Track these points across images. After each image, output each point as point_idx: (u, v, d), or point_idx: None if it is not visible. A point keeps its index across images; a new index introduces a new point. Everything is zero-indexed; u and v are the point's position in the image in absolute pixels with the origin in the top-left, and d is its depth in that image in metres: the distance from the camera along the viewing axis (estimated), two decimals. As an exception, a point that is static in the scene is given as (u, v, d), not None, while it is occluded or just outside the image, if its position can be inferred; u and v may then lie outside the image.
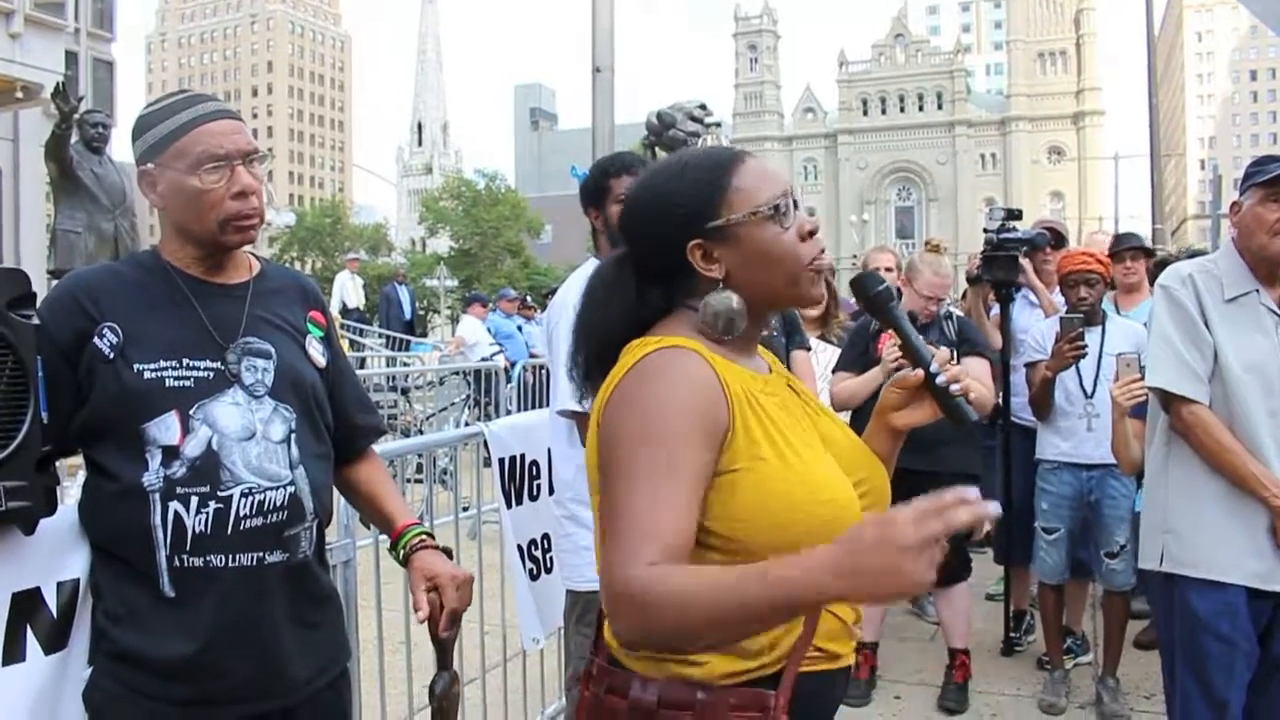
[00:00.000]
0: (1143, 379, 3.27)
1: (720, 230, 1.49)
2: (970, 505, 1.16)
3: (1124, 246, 5.43)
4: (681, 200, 1.51)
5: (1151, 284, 5.31)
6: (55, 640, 1.89)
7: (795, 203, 1.53)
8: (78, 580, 1.92)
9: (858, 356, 4.57)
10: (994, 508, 1.18)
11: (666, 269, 1.54)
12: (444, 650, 2.03)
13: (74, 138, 8.23)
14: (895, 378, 1.69)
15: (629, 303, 1.56)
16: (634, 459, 1.36)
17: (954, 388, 1.60)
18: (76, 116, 8.19)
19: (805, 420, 1.57)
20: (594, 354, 1.57)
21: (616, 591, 1.30)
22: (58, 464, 1.92)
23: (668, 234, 1.51)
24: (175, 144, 1.85)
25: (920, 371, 1.63)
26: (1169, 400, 2.83)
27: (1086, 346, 4.32)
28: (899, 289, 5.22)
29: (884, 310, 1.67)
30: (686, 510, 1.34)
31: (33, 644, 1.86)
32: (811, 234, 1.53)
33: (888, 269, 6.13)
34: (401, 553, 2.05)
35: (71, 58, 17.90)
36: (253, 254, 2.05)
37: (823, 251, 1.55)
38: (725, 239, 1.50)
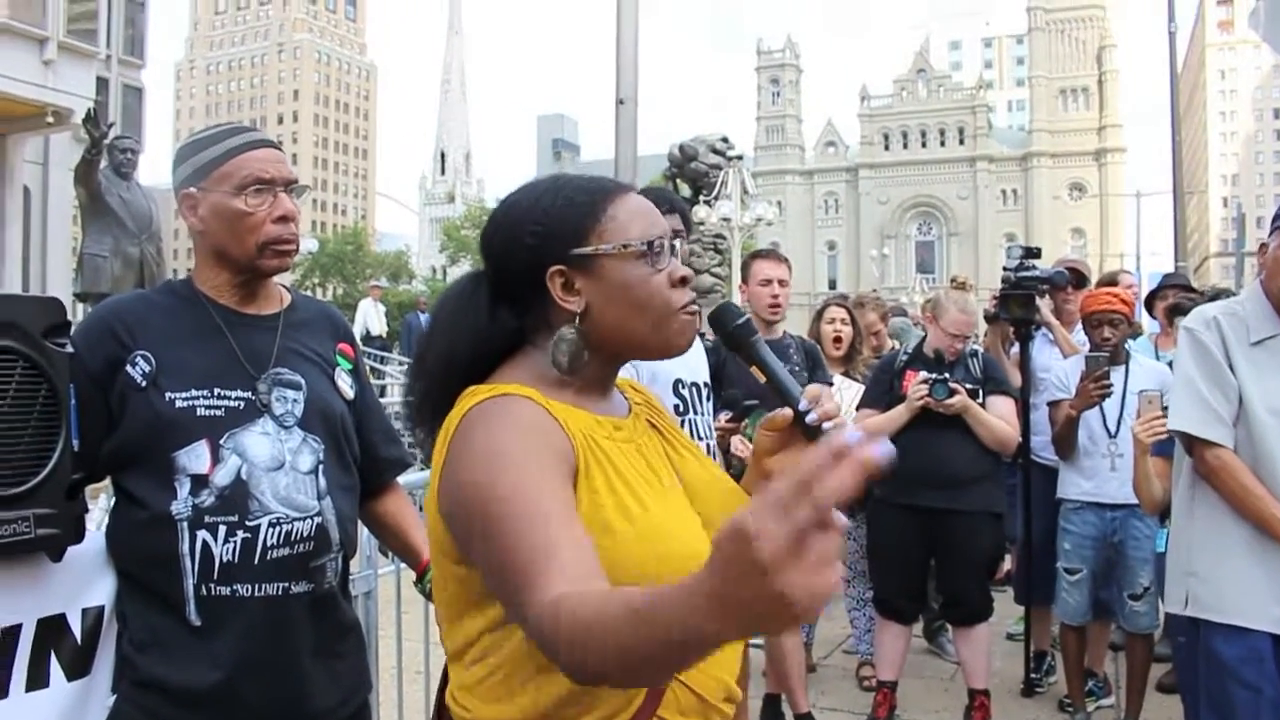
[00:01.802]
0: (1165, 416, 3.26)
1: (585, 259, 1.37)
2: (844, 456, 0.84)
3: (1167, 285, 5.38)
4: (551, 219, 1.38)
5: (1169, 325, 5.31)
6: (79, 667, 1.90)
7: (674, 249, 1.41)
8: (103, 607, 1.93)
9: (882, 394, 4.55)
10: (883, 448, 0.88)
11: (522, 293, 1.41)
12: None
13: (103, 163, 8.33)
14: (764, 419, 1.51)
15: (479, 323, 1.42)
16: (498, 514, 1.20)
17: (826, 426, 1.42)
18: (106, 142, 8.29)
19: (663, 467, 1.44)
20: (434, 382, 1.42)
21: (535, 625, 1.13)
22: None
23: (530, 252, 1.38)
24: (221, 168, 1.88)
25: (789, 411, 1.45)
26: (1192, 444, 2.81)
27: (1111, 385, 4.29)
28: (914, 323, 5.22)
29: (746, 345, 1.49)
30: (572, 538, 1.18)
31: (56, 670, 1.87)
32: (683, 281, 1.41)
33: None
34: (427, 585, 2.05)
35: (102, 84, 18.16)
36: (283, 286, 2.07)
37: (693, 303, 1.42)
38: (589, 270, 1.37)
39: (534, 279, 1.38)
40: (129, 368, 1.82)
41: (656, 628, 0.97)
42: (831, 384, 4.73)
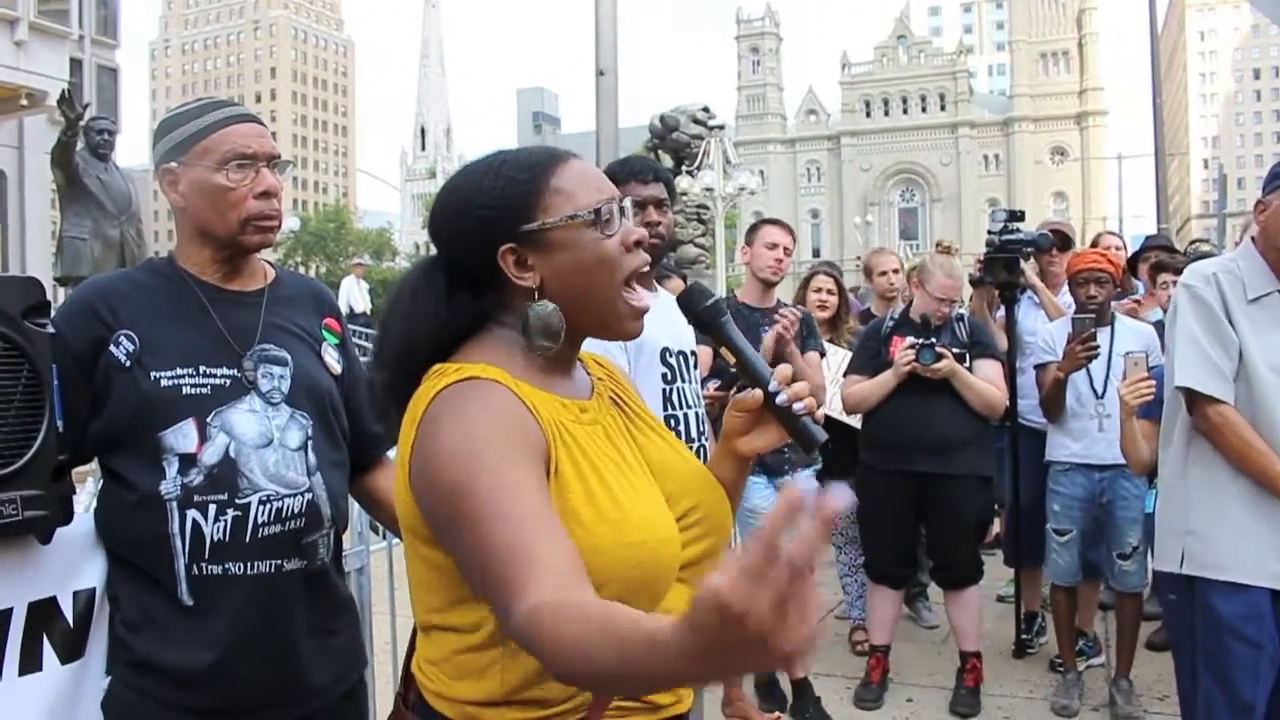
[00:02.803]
0: (1150, 378, 3.26)
1: (533, 235, 1.35)
2: (800, 510, 0.85)
3: (1149, 246, 5.38)
4: (495, 199, 1.37)
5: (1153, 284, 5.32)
6: (72, 650, 1.89)
7: (623, 210, 1.40)
8: (94, 589, 1.92)
9: (869, 360, 4.55)
10: (841, 496, 0.89)
11: (477, 275, 1.39)
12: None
13: (80, 144, 8.25)
14: (734, 400, 1.49)
15: (437, 311, 1.40)
16: (476, 514, 1.20)
17: (796, 406, 1.41)
18: (82, 123, 8.20)
19: (627, 446, 1.43)
20: (396, 366, 1.41)
21: (518, 635, 1.14)
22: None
23: (479, 235, 1.37)
24: (202, 142, 1.86)
25: (759, 392, 1.44)
26: (1194, 400, 2.80)
27: (1099, 346, 4.30)
28: (906, 292, 5.22)
29: (715, 326, 1.49)
30: (553, 539, 1.18)
31: (49, 654, 1.87)
32: (638, 244, 1.39)
33: (894, 270, 6.13)
34: None
35: (76, 65, 17.98)
36: (267, 262, 2.05)
37: (650, 265, 1.42)
38: (539, 244, 1.36)
39: (487, 260, 1.37)
40: (113, 347, 1.80)
41: (639, 667, 1.00)
42: (824, 353, 4.73)
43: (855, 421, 4.71)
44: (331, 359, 2.02)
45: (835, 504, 0.86)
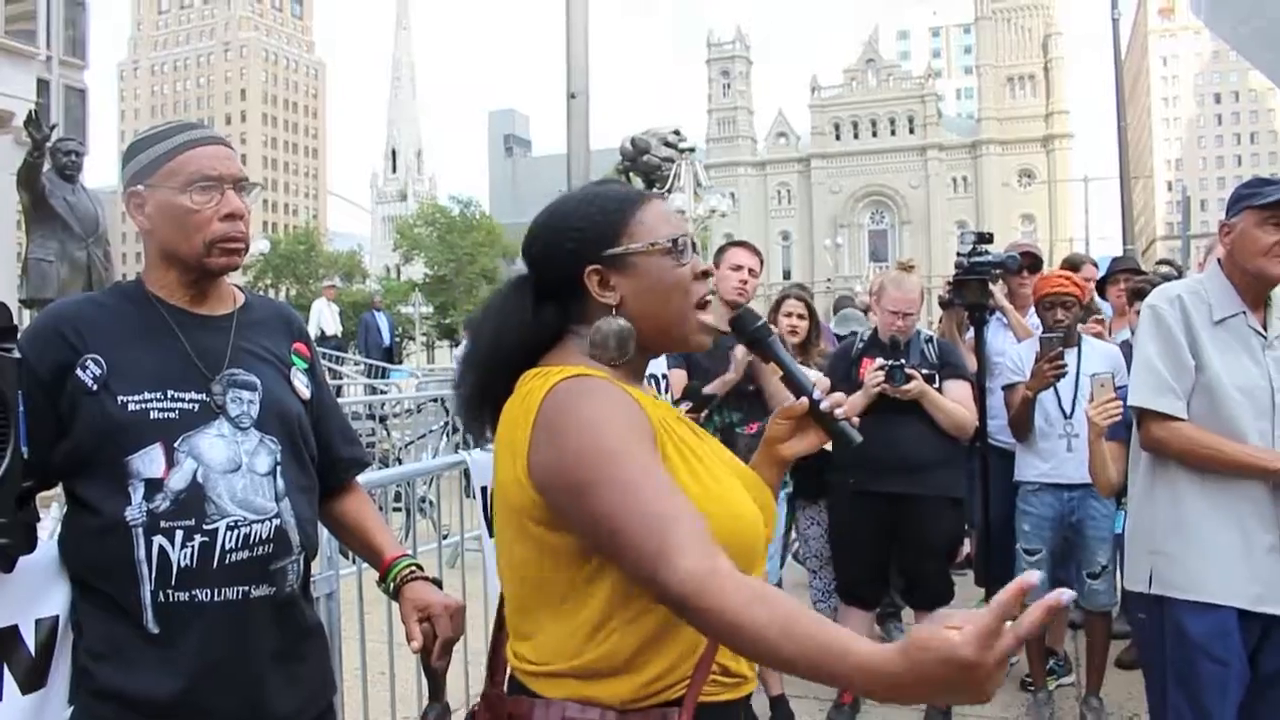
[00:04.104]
0: (1118, 399, 3.30)
1: (617, 259, 1.56)
2: (1041, 605, 1.08)
3: (1117, 269, 5.45)
4: (586, 225, 1.57)
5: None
6: (34, 679, 1.85)
7: (694, 246, 1.61)
8: (57, 617, 1.88)
9: (839, 381, 4.57)
10: (1066, 596, 1.12)
11: (563, 291, 1.59)
12: (436, 680, 2.00)
13: (46, 166, 8.18)
14: (780, 408, 1.73)
15: (523, 322, 1.59)
16: (609, 468, 1.37)
17: (837, 412, 1.65)
18: (49, 144, 8.15)
19: (702, 444, 1.62)
20: (483, 373, 1.61)
21: (679, 592, 1.27)
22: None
23: (569, 255, 1.57)
24: (168, 164, 1.85)
25: (804, 401, 1.68)
26: (1144, 418, 2.85)
27: (1066, 365, 4.34)
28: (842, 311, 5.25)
29: (764, 344, 1.73)
30: (690, 507, 1.36)
31: (10, 684, 1.83)
32: (705, 275, 1.61)
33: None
34: (392, 584, 2.03)
35: (43, 85, 17.85)
36: (236, 286, 2.04)
37: (713, 293, 1.65)
38: (622, 267, 1.56)
39: (573, 278, 1.56)
40: (79, 371, 1.78)
41: (820, 669, 1.18)
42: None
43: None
44: (300, 384, 2.00)
45: (1060, 601, 1.09)
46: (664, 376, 2.84)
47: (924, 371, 4.39)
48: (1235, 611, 2.73)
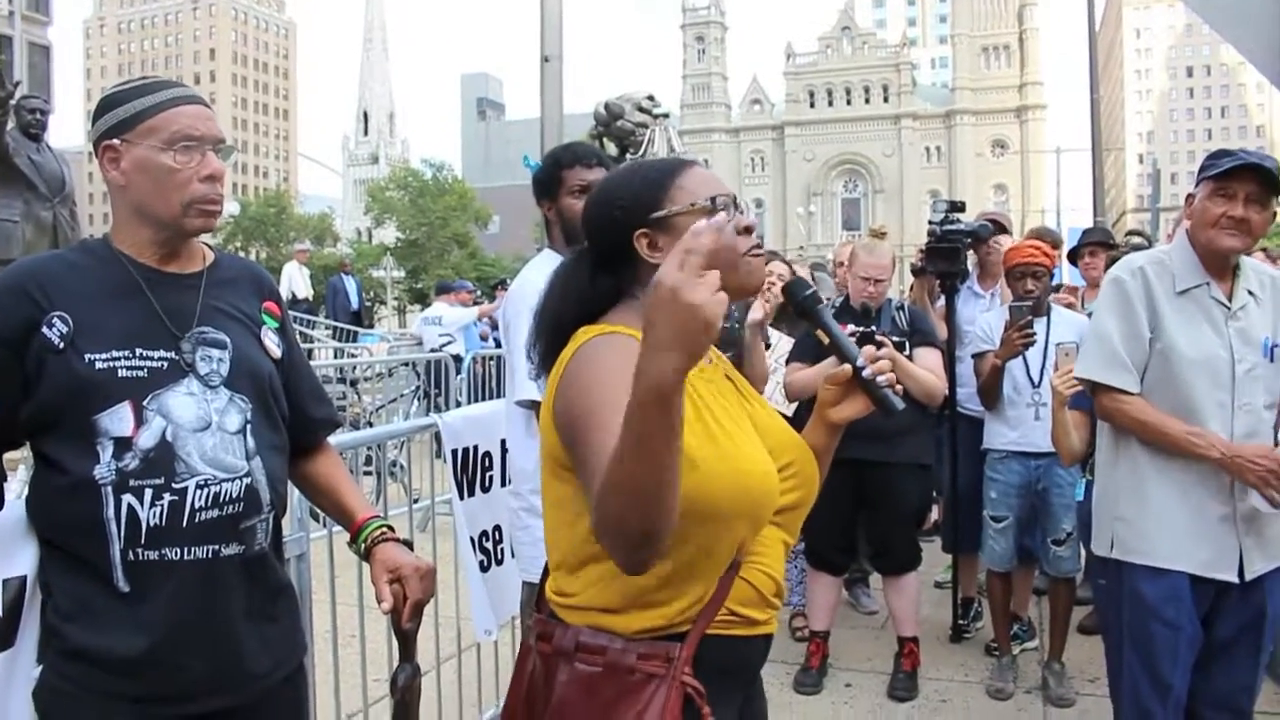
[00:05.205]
0: (1084, 368, 3.34)
1: (662, 221, 1.67)
2: (708, 225, 1.26)
3: (1086, 241, 5.49)
4: (631, 194, 1.70)
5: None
6: (1, 639, 1.85)
7: (735, 203, 1.69)
8: (24, 577, 1.87)
9: (811, 348, 4.59)
10: (717, 220, 1.31)
11: (617, 258, 1.71)
12: (406, 642, 2.01)
13: (10, 124, 8.02)
14: (829, 375, 1.83)
15: (582, 289, 1.72)
16: (588, 425, 1.50)
17: (880, 379, 1.75)
18: (13, 102, 7.98)
19: (738, 405, 1.73)
20: (549, 338, 1.72)
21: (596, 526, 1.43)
22: None
23: (619, 223, 1.69)
24: (148, 121, 1.82)
25: (849, 367, 1.77)
26: (1095, 390, 2.89)
27: (1035, 334, 4.38)
28: (819, 278, 5.26)
29: (812, 313, 1.81)
30: None
31: (-23, 644, 1.82)
32: (748, 230, 1.69)
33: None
34: (363, 545, 2.03)
35: (6, 41, 17.51)
36: (206, 244, 2.02)
37: (759, 246, 1.71)
38: (667, 229, 1.66)
39: (625, 244, 1.69)
40: (45, 329, 1.76)
41: (630, 424, 1.29)
42: (769, 342, 4.76)
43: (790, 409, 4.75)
44: (271, 342, 1.99)
45: (718, 221, 1.30)
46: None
47: (894, 338, 4.41)
48: (1187, 577, 2.79)
